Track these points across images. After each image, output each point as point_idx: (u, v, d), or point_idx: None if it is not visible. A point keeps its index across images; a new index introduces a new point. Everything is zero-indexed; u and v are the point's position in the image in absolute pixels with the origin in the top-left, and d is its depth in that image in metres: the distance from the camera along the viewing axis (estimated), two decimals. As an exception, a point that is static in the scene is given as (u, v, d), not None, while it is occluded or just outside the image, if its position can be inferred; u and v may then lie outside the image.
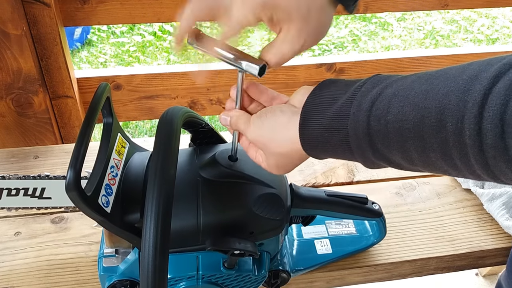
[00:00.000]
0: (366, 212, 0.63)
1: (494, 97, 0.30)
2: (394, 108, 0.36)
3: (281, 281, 0.61)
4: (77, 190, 0.43)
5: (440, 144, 0.34)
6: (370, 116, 0.38)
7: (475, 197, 0.80)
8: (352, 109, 0.39)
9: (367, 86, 0.40)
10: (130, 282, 0.54)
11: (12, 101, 0.94)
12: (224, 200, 0.52)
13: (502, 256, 0.73)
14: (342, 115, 0.40)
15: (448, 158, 0.34)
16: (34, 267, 0.65)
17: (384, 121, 0.37)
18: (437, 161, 0.35)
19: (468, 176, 0.35)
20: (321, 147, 0.43)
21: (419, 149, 0.35)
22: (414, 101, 0.35)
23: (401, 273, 0.71)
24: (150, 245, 0.38)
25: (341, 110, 0.40)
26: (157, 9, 0.94)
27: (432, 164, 0.36)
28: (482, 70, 0.32)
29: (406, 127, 0.35)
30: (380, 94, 0.38)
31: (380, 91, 0.38)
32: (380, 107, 0.37)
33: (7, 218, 0.72)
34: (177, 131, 0.44)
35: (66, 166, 0.43)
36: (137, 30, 3.10)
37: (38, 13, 0.86)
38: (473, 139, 0.31)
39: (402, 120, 0.36)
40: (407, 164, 0.38)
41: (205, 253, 0.52)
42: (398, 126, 0.36)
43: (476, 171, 0.33)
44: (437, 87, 0.34)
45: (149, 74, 1.04)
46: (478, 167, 0.32)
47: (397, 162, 0.39)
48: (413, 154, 0.36)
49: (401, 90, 0.37)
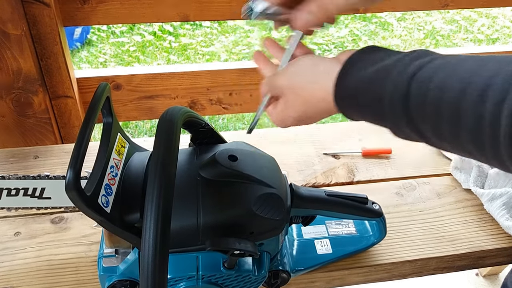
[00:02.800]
0: (366, 212, 0.63)
1: None
2: (438, 78, 0.36)
3: (281, 281, 0.61)
4: (77, 190, 0.42)
5: (474, 120, 0.33)
6: (412, 80, 0.38)
7: (475, 197, 0.80)
8: (395, 69, 0.39)
9: (416, 54, 0.40)
10: (130, 282, 0.53)
11: (12, 101, 0.94)
12: (224, 200, 0.52)
13: (502, 256, 0.73)
14: (384, 73, 0.40)
15: (478, 137, 0.34)
16: (34, 267, 0.65)
17: (425, 88, 0.37)
18: (467, 139, 0.35)
19: (491, 161, 0.35)
20: (355, 101, 0.43)
21: (453, 123, 0.35)
22: (461, 75, 0.35)
23: (401, 273, 0.71)
24: (150, 245, 0.38)
25: (385, 68, 0.40)
26: (156, 9, 0.94)
27: (460, 143, 0.36)
28: None
29: (445, 97, 0.35)
30: (428, 63, 0.38)
31: (428, 60, 0.38)
32: (425, 74, 0.37)
33: (7, 218, 0.72)
34: (177, 131, 0.44)
35: (66, 166, 0.43)
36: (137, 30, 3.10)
37: (38, 13, 0.86)
38: (507, 121, 0.31)
39: (443, 90, 0.35)
40: (436, 139, 0.38)
41: (205, 253, 0.52)
42: (438, 95, 0.36)
43: (502, 155, 0.33)
44: (486, 67, 0.34)
45: (149, 74, 1.04)
46: (505, 151, 0.32)
47: (426, 135, 0.38)
48: (445, 127, 0.36)
49: (449, 64, 0.37)
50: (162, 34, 3.04)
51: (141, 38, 3.00)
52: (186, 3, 0.94)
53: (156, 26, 3.10)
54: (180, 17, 0.96)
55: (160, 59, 2.84)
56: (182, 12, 0.95)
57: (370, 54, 0.44)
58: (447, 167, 0.86)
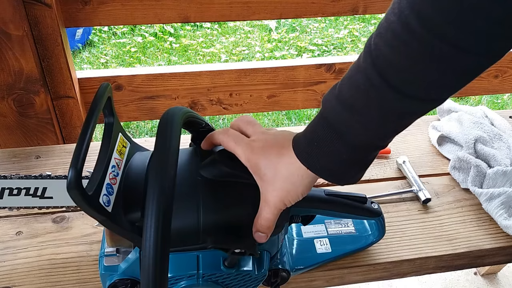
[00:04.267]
0: (365, 211, 0.63)
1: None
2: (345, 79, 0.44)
3: (281, 280, 0.61)
4: (78, 190, 0.43)
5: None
6: (334, 93, 0.44)
7: (473, 196, 0.80)
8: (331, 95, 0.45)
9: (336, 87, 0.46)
10: (131, 281, 0.54)
11: (13, 101, 0.94)
12: (224, 199, 0.52)
13: (500, 255, 0.74)
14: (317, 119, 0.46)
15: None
16: (36, 267, 0.65)
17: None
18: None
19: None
20: (312, 146, 0.46)
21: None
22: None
23: (400, 272, 0.71)
24: (150, 244, 0.38)
25: (316, 119, 0.47)
26: (158, 10, 0.94)
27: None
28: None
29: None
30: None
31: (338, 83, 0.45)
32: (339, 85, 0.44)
33: (8, 218, 0.72)
34: (177, 131, 0.44)
35: (67, 166, 0.43)
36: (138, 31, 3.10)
37: (40, 14, 0.86)
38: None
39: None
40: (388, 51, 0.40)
41: (205, 252, 0.53)
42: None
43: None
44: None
45: (150, 75, 1.04)
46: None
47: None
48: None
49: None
50: (163, 35, 3.05)
51: (142, 39, 3.01)
52: (186, 4, 0.95)
53: (157, 27, 3.10)
54: (181, 18, 0.96)
55: (161, 59, 2.85)
56: (183, 13, 0.95)
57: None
58: (445, 167, 0.87)
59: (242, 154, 0.50)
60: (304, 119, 2.39)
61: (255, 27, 3.25)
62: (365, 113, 0.42)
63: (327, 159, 0.46)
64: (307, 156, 0.46)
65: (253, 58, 2.94)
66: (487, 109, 0.97)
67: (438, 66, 0.38)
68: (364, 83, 0.41)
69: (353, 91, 0.42)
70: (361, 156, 0.47)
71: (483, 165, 0.81)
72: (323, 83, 1.13)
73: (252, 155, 0.49)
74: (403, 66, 0.39)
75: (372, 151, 0.47)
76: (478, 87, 1.24)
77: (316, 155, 0.46)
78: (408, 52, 0.38)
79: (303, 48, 3.07)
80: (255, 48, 3.03)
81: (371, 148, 0.46)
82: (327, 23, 3.36)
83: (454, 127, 0.90)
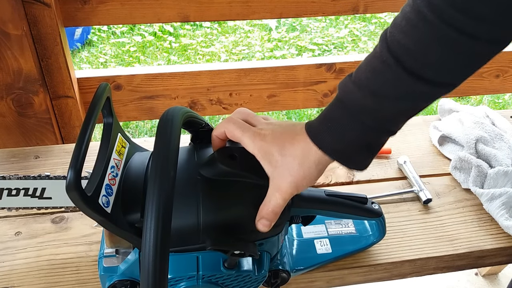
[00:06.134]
0: (365, 211, 0.63)
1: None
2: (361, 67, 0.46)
3: (281, 281, 0.61)
4: (77, 190, 0.43)
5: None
6: (351, 78, 0.47)
7: (474, 197, 0.80)
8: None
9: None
10: (130, 282, 0.54)
11: (12, 101, 0.94)
12: (224, 199, 0.52)
13: (501, 255, 0.73)
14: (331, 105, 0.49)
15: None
16: (35, 267, 0.65)
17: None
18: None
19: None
20: (326, 128, 0.48)
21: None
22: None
23: (400, 273, 0.71)
24: (150, 245, 0.38)
25: (331, 104, 0.49)
26: (157, 10, 0.94)
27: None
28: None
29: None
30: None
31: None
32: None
33: (7, 218, 0.72)
34: (177, 131, 0.44)
35: (66, 166, 0.43)
36: (137, 30, 3.10)
37: (39, 13, 0.86)
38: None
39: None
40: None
41: (205, 253, 0.53)
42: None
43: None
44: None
45: (149, 74, 1.04)
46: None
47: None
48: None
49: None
50: (162, 35, 3.05)
51: (141, 39, 3.01)
52: (186, 4, 0.94)
53: (156, 26, 3.10)
54: (180, 18, 0.96)
55: (161, 59, 2.84)
56: (182, 12, 0.95)
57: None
58: (446, 167, 0.86)
59: (250, 143, 0.50)
60: (304, 118, 2.39)
61: (255, 26, 3.25)
62: (380, 93, 0.44)
63: (338, 138, 0.47)
64: (320, 138, 0.48)
65: (253, 57, 2.93)
66: (488, 109, 0.97)
67: (448, 51, 0.41)
68: (380, 65, 0.44)
69: (369, 73, 0.45)
70: (371, 139, 0.48)
71: (484, 165, 0.80)
72: (323, 83, 1.12)
73: (262, 143, 0.50)
74: (416, 50, 0.42)
75: (382, 135, 0.48)
76: (479, 86, 1.23)
77: (329, 136, 0.47)
78: (419, 37, 0.41)
79: (303, 47, 3.06)
80: (255, 47, 3.03)
81: (382, 131, 0.48)
82: (328, 22, 3.35)
83: (455, 127, 0.90)
